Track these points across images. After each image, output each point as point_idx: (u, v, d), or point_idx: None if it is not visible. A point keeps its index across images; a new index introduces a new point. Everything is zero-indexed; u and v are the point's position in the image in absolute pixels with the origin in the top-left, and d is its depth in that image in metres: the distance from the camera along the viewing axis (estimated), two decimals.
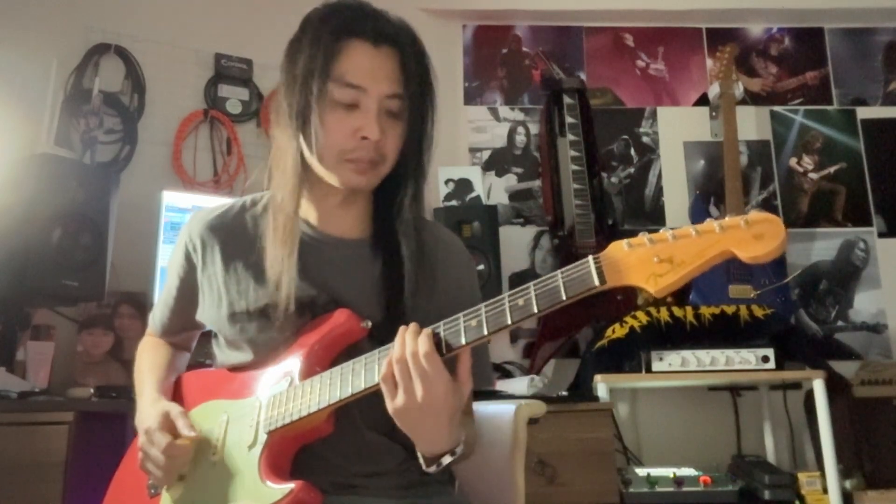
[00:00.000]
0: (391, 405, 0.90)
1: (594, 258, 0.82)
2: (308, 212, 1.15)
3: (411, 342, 0.89)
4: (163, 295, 1.25)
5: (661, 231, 0.81)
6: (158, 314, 1.26)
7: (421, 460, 0.97)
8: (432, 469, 0.96)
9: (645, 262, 0.80)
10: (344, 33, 1.04)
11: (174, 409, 1.07)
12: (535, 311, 0.85)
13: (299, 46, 1.07)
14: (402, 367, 0.89)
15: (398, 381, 0.89)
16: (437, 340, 0.90)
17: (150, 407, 1.10)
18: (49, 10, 2.48)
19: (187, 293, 1.18)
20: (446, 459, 0.95)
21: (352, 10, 1.07)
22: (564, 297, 0.83)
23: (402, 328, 0.91)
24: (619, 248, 0.82)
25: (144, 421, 1.06)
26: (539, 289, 0.85)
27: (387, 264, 1.10)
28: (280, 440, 0.99)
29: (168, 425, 1.04)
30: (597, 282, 0.82)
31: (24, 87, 2.32)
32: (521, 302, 0.86)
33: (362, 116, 1.03)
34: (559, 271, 0.85)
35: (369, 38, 1.04)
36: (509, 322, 0.86)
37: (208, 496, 1.01)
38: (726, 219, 0.78)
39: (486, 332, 0.88)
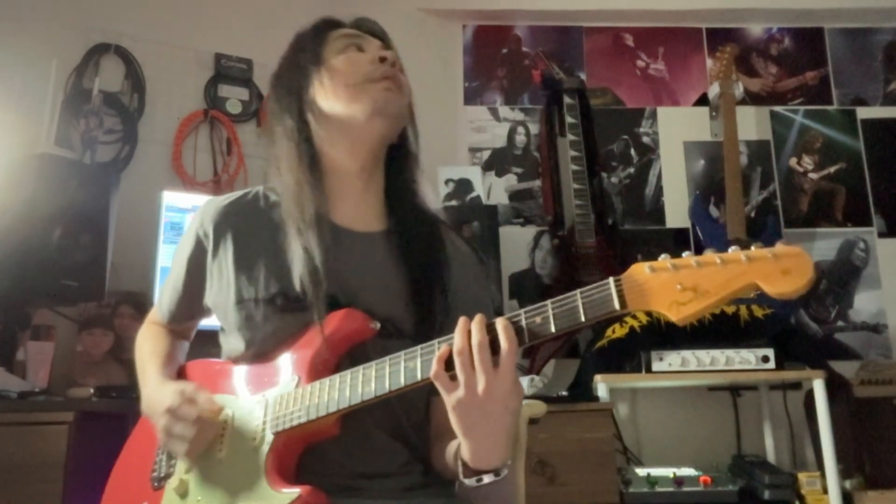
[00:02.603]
0: (450, 400, 0.87)
1: (615, 280, 0.80)
2: (323, 205, 1.12)
3: (478, 333, 0.86)
4: (170, 281, 1.22)
5: (684, 256, 0.79)
6: (166, 301, 1.23)
7: (460, 470, 0.93)
8: (469, 482, 0.92)
9: (667, 289, 0.77)
10: (326, 28, 1.17)
11: (189, 385, 1.04)
12: (553, 331, 0.83)
13: (282, 62, 1.20)
14: (463, 358, 0.85)
15: (459, 374, 0.85)
16: (492, 338, 0.86)
17: (158, 389, 1.08)
18: (49, 10, 2.48)
19: (197, 279, 1.16)
20: (487, 478, 0.90)
21: (331, 18, 1.19)
22: (583, 320, 0.81)
23: (463, 319, 0.87)
24: (640, 271, 0.79)
25: (162, 402, 1.02)
26: (557, 308, 0.83)
27: (407, 260, 1.10)
28: (286, 441, 0.98)
29: (190, 399, 1.01)
30: (617, 305, 0.79)
31: (24, 87, 2.31)
32: (538, 320, 0.84)
33: (372, 49, 1.14)
34: (578, 291, 0.82)
35: (351, 27, 1.18)
36: (527, 341, 0.85)
37: (213, 492, 1.00)
38: (753, 249, 0.76)
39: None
